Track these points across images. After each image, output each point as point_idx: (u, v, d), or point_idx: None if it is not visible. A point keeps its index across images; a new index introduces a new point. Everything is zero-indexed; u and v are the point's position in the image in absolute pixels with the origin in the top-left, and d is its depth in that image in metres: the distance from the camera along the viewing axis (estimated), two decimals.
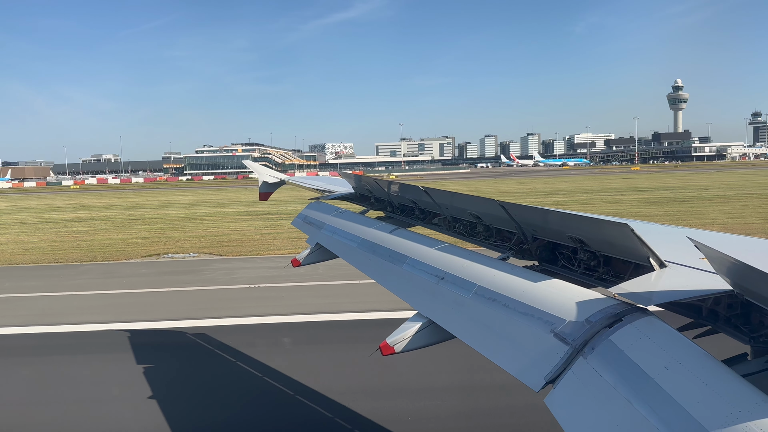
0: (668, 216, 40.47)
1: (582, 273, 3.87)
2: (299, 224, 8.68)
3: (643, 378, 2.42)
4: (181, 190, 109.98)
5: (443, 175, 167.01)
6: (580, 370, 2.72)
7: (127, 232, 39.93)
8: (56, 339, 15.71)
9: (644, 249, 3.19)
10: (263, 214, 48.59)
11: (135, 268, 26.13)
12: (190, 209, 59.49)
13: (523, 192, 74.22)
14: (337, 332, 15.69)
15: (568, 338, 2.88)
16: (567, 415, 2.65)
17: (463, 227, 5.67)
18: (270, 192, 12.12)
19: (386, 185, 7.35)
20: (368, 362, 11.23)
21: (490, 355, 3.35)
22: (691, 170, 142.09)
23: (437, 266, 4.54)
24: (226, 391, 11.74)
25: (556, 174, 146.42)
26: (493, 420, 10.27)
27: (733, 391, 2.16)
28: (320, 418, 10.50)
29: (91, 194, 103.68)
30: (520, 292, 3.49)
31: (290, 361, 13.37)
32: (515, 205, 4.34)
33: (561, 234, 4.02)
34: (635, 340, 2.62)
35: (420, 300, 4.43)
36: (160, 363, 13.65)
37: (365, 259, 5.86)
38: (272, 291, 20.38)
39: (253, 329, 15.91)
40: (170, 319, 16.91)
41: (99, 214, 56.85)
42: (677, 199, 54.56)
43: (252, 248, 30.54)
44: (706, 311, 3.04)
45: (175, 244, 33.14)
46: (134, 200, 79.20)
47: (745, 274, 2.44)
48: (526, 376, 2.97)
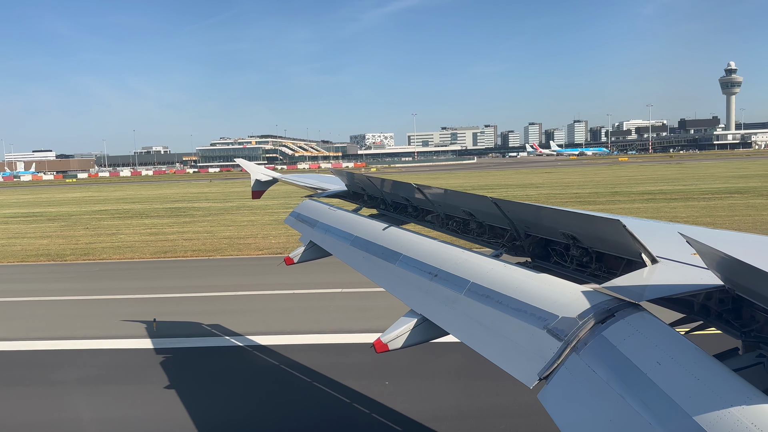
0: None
1: (574, 269, 3.88)
2: (292, 222, 8.66)
3: (635, 373, 2.43)
4: (143, 185, 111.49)
5: (423, 168, 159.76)
6: (573, 366, 2.73)
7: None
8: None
9: (636, 245, 3.20)
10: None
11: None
12: (83, 206, 60.78)
13: (468, 186, 72.11)
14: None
15: (561, 334, 2.89)
16: (560, 411, 2.66)
17: (456, 224, 5.67)
18: (263, 190, 12.08)
19: (379, 182, 7.33)
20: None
21: (484, 351, 3.36)
22: (694, 160, 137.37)
23: (430, 263, 4.54)
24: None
25: (547, 165, 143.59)
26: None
27: (724, 385, 2.17)
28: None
29: (67, 188, 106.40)
30: (513, 288, 3.50)
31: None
32: (508, 201, 4.34)
33: (553, 230, 4.03)
34: (627, 335, 2.63)
35: (413, 297, 4.43)
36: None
37: (358, 257, 5.85)
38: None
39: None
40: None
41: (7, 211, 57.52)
42: (595, 195, 51.93)
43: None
44: (698, 306, 3.06)
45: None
46: (82, 195, 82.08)
47: (737, 269, 2.45)
48: (519, 373, 2.98)
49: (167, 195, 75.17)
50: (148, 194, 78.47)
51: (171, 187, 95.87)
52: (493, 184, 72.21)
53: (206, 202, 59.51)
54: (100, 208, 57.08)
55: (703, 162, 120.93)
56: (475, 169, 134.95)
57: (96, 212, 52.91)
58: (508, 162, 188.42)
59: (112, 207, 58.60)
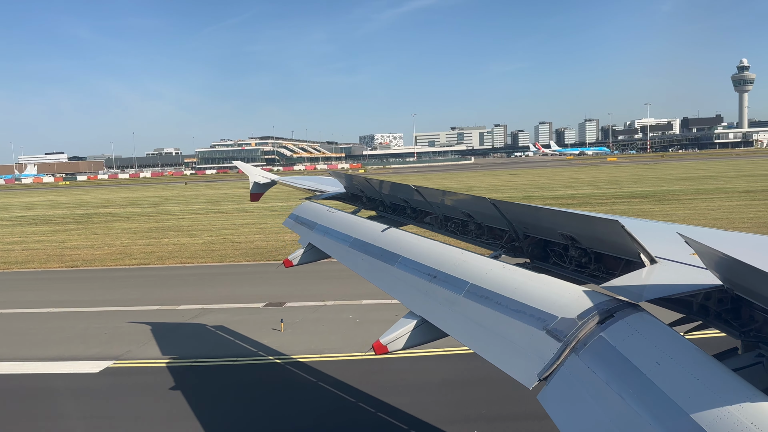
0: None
1: (573, 270, 3.88)
2: (291, 225, 8.64)
3: (635, 374, 2.43)
4: (130, 187, 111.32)
5: (409, 170, 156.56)
6: (572, 367, 2.72)
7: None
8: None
9: (635, 245, 3.20)
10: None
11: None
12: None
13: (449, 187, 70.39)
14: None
15: (561, 335, 2.89)
16: (560, 412, 2.66)
17: (454, 225, 5.67)
18: (261, 192, 12.05)
19: (377, 184, 7.33)
20: None
21: (483, 352, 3.35)
22: (675, 160, 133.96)
23: (429, 265, 4.53)
24: None
25: (529, 165, 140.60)
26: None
27: (724, 385, 2.17)
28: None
29: (38, 192, 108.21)
30: (512, 289, 3.49)
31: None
32: (506, 203, 4.35)
33: (552, 231, 4.03)
34: (627, 336, 2.63)
35: (413, 299, 4.42)
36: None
37: (357, 259, 5.85)
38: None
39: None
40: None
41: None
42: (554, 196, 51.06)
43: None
44: (697, 306, 3.06)
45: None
46: (40, 199, 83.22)
47: (735, 269, 2.45)
48: (519, 374, 2.97)
49: (120, 199, 74.92)
50: (106, 197, 78.84)
51: (146, 190, 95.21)
52: (442, 186, 70.83)
53: (138, 208, 59.19)
54: (31, 214, 56.76)
55: (682, 162, 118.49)
56: (459, 170, 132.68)
57: (17, 218, 52.76)
58: (503, 162, 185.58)
59: (46, 212, 58.09)
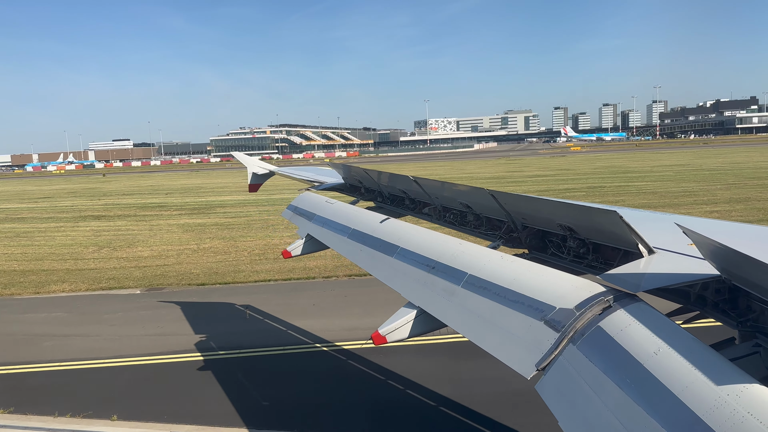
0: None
1: (571, 260, 3.89)
2: (289, 216, 8.65)
3: (632, 363, 2.44)
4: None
5: (401, 158, 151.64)
6: (570, 357, 2.74)
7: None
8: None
9: (633, 236, 3.21)
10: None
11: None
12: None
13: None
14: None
15: (559, 325, 2.90)
16: (558, 402, 2.67)
17: (453, 216, 5.68)
18: (260, 183, 12.06)
19: (376, 175, 7.33)
20: None
21: (482, 343, 3.37)
22: (672, 148, 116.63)
23: (428, 256, 4.54)
24: None
25: (527, 154, 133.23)
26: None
27: (721, 375, 2.18)
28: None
29: (33, 180, 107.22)
30: (511, 280, 3.50)
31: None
32: (505, 193, 4.35)
33: (550, 222, 4.04)
34: (625, 326, 2.64)
35: (411, 290, 4.43)
36: None
37: (356, 250, 5.85)
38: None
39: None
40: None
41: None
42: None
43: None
44: (695, 296, 3.07)
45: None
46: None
47: (733, 259, 2.46)
48: (517, 364, 2.99)
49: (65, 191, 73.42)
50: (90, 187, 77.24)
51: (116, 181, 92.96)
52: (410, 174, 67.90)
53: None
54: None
55: (665, 151, 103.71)
56: (449, 159, 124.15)
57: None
58: (507, 150, 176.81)
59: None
